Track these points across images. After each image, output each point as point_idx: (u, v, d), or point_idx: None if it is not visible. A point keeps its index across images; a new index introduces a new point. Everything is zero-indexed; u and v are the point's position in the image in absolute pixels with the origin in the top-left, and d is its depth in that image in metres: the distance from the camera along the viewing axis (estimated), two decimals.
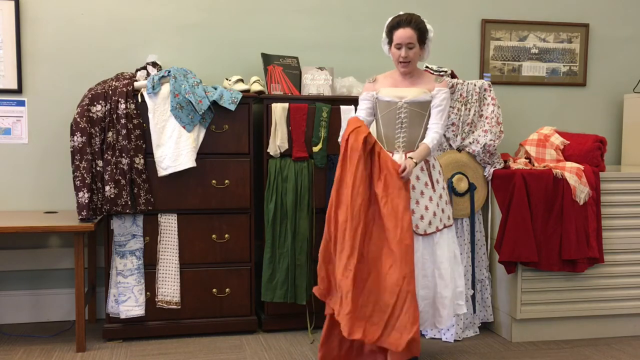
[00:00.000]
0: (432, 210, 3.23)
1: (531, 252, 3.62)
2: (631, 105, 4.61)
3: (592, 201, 3.73)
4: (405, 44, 3.20)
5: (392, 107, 3.26)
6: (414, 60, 3.26)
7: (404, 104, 3.24)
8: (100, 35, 4.04)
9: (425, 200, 3.24)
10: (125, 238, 3.64)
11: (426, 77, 3.33)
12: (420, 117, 3.26)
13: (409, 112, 3.25)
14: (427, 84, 3.29)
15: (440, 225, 3.25)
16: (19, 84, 3.94)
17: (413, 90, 3.26)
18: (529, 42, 4.61)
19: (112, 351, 3.52)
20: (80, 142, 3.47)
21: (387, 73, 3.40)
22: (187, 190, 3.68)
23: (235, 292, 3.78)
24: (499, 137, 3.82)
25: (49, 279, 4.06)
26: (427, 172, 3.28)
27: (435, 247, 3.23)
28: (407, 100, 3.24)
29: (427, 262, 3.22)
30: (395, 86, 3.30)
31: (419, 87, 3.27)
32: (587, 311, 3.82)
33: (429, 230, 3.22)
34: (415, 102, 3.24)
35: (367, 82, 3.41)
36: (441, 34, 4.48)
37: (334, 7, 4.34)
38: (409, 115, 3.25)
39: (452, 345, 3.71)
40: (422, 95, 3.24)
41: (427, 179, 3.27)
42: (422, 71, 3.38)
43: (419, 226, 3.20)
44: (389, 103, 3.27)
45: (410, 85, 3.29)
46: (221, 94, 3.65)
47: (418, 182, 3.25)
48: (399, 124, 3.27)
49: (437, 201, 3.26)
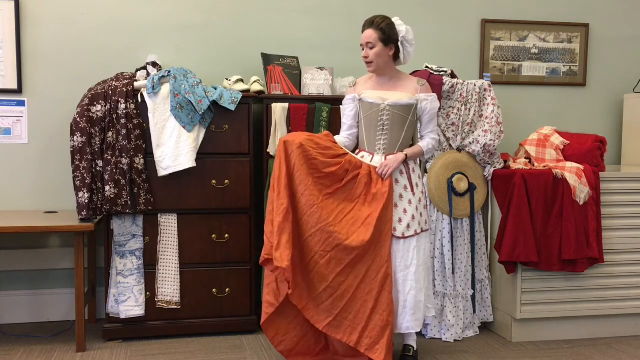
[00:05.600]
0: (411, 214, 3.23)
1: (531, 252, 3.62)
2: (631, 105, 4.61)
3: (592, 201, 3.73)
4: (365, 44, 3.26)
5: (374, 109, 3.28)
6: (377, 61, 3.25)
7: (387, 107, 3.25)
8: (100, 35, 4.04)
9: (404, 204, 3.24)
10: (125, 238, 3.64)
11: (408, 80, 3.34)
12: (402, 120, 3.27)
13: (392, 114, 3.26)
14: (409, 87, 3.30)
15: (419, 229, 3.25)
16: (19, 84, 3.94)
17: (397, 94, 3.28)
18: (529, 42, 4.61)
19: (112, 351, 3.52)
20: (80, 142, 3.47)
21: (365, 76, 3.43)
22: (187, 190, 3.68)
23: (235, 292, 3.78)
24: (499, 137, 3.82)
25: (49, 279, 4.06)
26: (407, 176, 3.28)
27: (412, 251, 3.22)
28: (390, 102, 3.25)
29: (400, 266, 3.21)
30: (377, 88, 3.33)
31: (402, 90, 3.29)
32: (587, 311, 3.82)
33: (407, 234, 3.21)
34: (399, 105, 3.25)
35: (348, 86, 3.47)
36: (441, 34, 4.49)
37: (334, 7, 4.34)
38: (391, 118, 3.26)
39: (452, 345, 3.71)
40: (405, 99, 3.26)
41: (406, 182, 3.27)
42: (403, 74, 3.38)
43: (396, 229, 3.21)
44: (371, 105, 3.29)
45: (393, 88, 3.31)
46: (221, 94, 3.65)
47: (397, 185, 3.25)
48: (380, 126, 3.28)
49: (417, 205, 3.26)
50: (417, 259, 3.22)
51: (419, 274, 3.23)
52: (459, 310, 3.80)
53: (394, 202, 3.23)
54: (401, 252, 3.22)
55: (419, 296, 3.22)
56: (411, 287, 3.20)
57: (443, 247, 3.79)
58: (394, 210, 3.22)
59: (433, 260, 3.78)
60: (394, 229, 3.20)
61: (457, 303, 3.79)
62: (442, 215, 3.81)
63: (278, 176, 3.12)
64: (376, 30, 3.23)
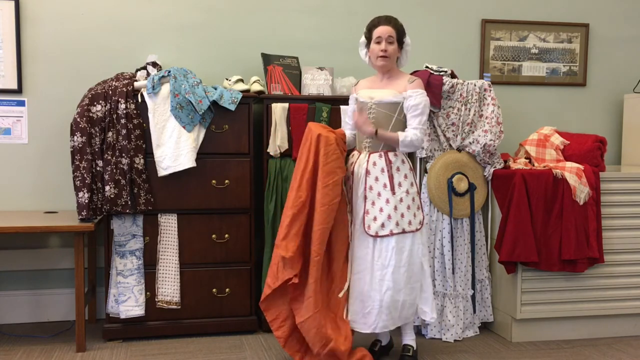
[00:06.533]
0: (387, 213, 3.20)
1: (531, 252, 3.62)
2: (631, 105, 4.61)
3: (592, 201, 3.73)
4: (385, 38, 3.25)
5: (364, 108, 3.31)
6: (392, 57, 3.28)
7: (372, 105, 3.27)
8: (100, 35, 4.04)
9: (382, 202, 3.22)
10: (125, 238, 3.64)
11: (401, 79, 3.34)
12: (387, 118, 3.27)
13: (377, 112, 3.27)
14: (399, 85, 3.30)
15: (396, 230, 3.19)
16: (19, 84, 3.94)
17: (384, 92, 3.29)
18: (529, 42, 4.61)
19: (112, 351, 3.52)
20: (80, 142, 3.47)
21: (369, 77, 3.46)
22: (187, 190, 3.68)
23: (235, 292, 3.78)
24: (499, 137, 3.82)
25: (49, 279, 4.06)
26: (388, 174, 3.25)
27: (390, 251, 3.19)
28: (375, 100, 3.27)
29: (377, 264, 3.21)
30: (372, 87, 3.35)
31: (390, 89, 3.30)
32: (587, 311, 3.82)
33: (381, 233, 3.19)
34: (383, 102, 3.26)
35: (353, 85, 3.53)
36: (441, 34, 4.49)
37: (334, 7, 4.34)
38: (376, 116, 3.27)
39: (452, 345, 3.71)
40: (390, 97, 3.26)
41: (386, 181, 3.24)
42: (401, 73, 3.38)
43: (370, 227, 3.20)
44: (363, 103, 3.32)
45: (385, 86, 3.33)
46: (221, 94, 3.65)
47: (377, 183, 3.24)
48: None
49: (396, 204, 3.22)
50: (395, 260, 3.18)
51: (399, 274, 3.19)
52: (459, 310, 3.80)
53: (372, 200, 3.23)
54: (378, 251, 3.20)
55: (396, 296, 3.20)
56: (387, 287, 3.18)
57: (443, 247, 3.79)
58: (370, 207, 3.23)
59: (433, 260, 3.78)
60: (368, 226, 3.21)
61: (457, 303, 3.79)
62: (442, 215, 3.81)
63: (303, 169, 3.20)
64: (394, 28, 3.26)
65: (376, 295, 3.20)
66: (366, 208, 3.23)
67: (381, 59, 3.26)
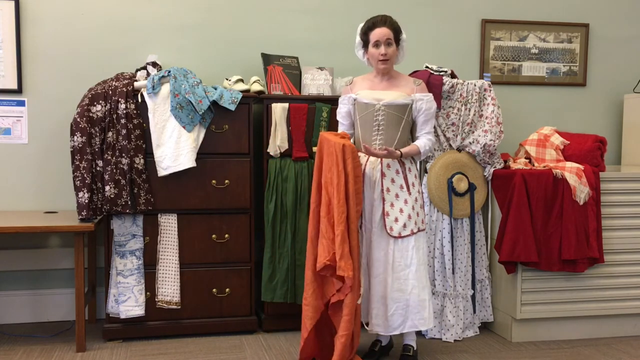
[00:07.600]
0: (407, 213, 3.23)
1: (531, 252, 3.62)
2: (631, 105, 4.61)
3: (592, 201, 3.73)
4: (384, 41, 3.24)
5: (370, 110, 3.28)
6: (392, 59, 3.28)
7: (382, 107, 3.26)
8: (101, 35, 4.04)
9: (400, 203, 3.24)
10: (125, 238, 3.64)
11: (404, 79, 3.34)
12: (397, 120, 3.27)
13: (387, 114, 3.26)
14: (405, 87, 3.30)
15: (415, 229, 3.25)
16: (19, 84, 3.94)
17: (392, 93, 3.28)
18: (529, 42, 4.61)
19: (112, 351, 3.52)
20: (80, 142, 3.47)
21: (364, 76, 3.43)
22: (187, 190, 3.68)
23: (235, 292, 3.78)
24: (499, 137, 3.82)
25: (49, 279, 4.06)
26: (403, 175, 3.28)
27: (411, 250, 3.23)
28: (385, 102, 3.25)
29: (399, 265, 3.22)
30: (373, 88, 3.33)
31: (397, 90, 3.29)
32: (587, 311, 3.82)
33: (404, 233, 3.22)
34: (394, 105, 3.25)
35: (345, 84, 3.47)
36: (441, 34, 4.49)
37: (334, 7, 4.34)
38: (386, 118, 3.26)
39: (452, 345, 3.71)
40: (400, 99, 3.26)
41: (402, 182, 3.27)
42: (400, 74, 3.39)
43: (393, 228, 3.21)
44: (367, 105, 3.29)
45: (389, 87, 3.31)
46: (221, 94, 3.65)
47: (393, 185, 3.25)
48: (376, 126, 3.28)
49: (413, 204, 3.26)
50: (417, 258, 3.23)
51: (420, 272, 3.23)
52: (459, 310, 3.80)
53: (390, 202, 3.23)
54: (400, 252, 3.23)
55: (422, 295, 3.22)
56: (413, 285, 3.21)
57: (443, 247, 3.79)
58: (389, 209, 3.22)
59: (433, 260, 3.78)
60: (390, 228, 3.21)
61: (457, 303, 3.79)
62: (442, 215, 3.81)
63: (337, 182, 3.09)
64: (390, 29, 3.25)
65: (401, 295, 3.21)
66: (385, 210, 3.23)
67: (382, 62, 3.26)
